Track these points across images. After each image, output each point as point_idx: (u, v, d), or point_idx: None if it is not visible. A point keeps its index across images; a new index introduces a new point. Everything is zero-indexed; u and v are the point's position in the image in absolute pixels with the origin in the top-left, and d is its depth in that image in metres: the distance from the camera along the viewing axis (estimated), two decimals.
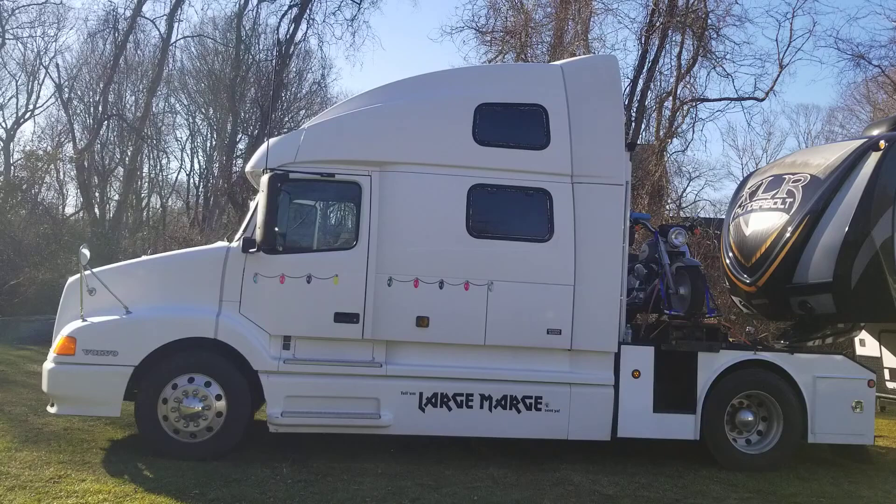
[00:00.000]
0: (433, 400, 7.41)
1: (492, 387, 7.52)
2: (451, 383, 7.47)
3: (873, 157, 8.44)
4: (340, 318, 7.31)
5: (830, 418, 7.91)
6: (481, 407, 7.49)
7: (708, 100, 21.63)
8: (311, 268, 7.35)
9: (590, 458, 7.79)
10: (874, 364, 10.19)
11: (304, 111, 31.99)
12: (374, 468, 7.01)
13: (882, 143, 8.43)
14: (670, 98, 20.85)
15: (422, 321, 7.41)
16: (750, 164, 40.56)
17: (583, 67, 8.35)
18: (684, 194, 34.74)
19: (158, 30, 26.53)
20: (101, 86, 27.22)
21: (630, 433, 7.67)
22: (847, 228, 8.38)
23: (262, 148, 7.60)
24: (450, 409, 7.46)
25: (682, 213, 32.17)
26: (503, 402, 7.51)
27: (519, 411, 7.53)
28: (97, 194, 30.41)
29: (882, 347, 10.37)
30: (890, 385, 10.32)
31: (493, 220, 7.78)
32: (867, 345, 10.64)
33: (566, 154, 7.79)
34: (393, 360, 7.43)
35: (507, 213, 7.82)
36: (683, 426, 7.77)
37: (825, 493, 6.94)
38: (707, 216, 26.47)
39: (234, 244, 7.39)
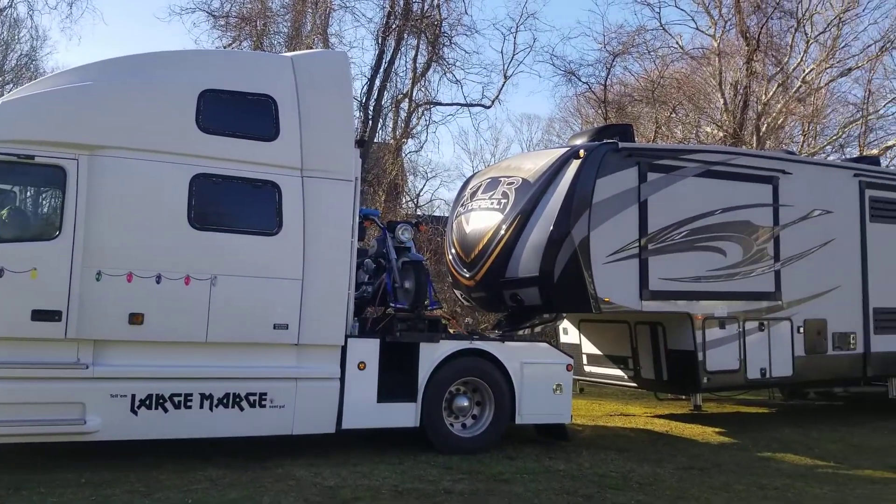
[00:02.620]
0: (147, 402, 6.96)
1: (213, 385, 7.24)
2: (168, 383, 7.07)
3: (574, 164, 9.38)
4: (39, 315, 6.61)
5: (535, 400, 8.64)
6: (201, 407, 7.18)
7: (441, 104, 22.72)
8: (2, 260, 6.55)
9: (315, 451, 7.82)
10: (575, 350, 11.39)
11: (11, 85, 28.50)
12: (76, 478, 6.44)
13: (582, 152, 9.39)
14: (406, 99, 21.56)
15: (135, 318, 6.92)
16: (480, 166, 43.15)
17: (314, 61, 8.34)
18: (421, 193, 36.13)
19: None
20: None
21: (354, 424, 7.80)
22: (551, 228, 9.23)
23: None
24: (166, 410, 7.06)
25: (418, 211, 33.39)
26: (225, 401, 7.26)
27: (242, 409, 7.33)
28: None
29: (581, 335, 11.61)
30: (587, 369, 11.59)
31: (217, 211, 7.49)
32: (569, 333, 11.84)
33: (296, 147, 7.72)
34: (101, 360, 6.85)
35: (233, 205, 7.56)
36: (405, 414, 8.06)
37: (528, 470, 7.57)
38: (442, 214, 27.81)
39: None
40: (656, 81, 25.14)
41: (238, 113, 7.62)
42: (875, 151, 26.72)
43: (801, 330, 10.62)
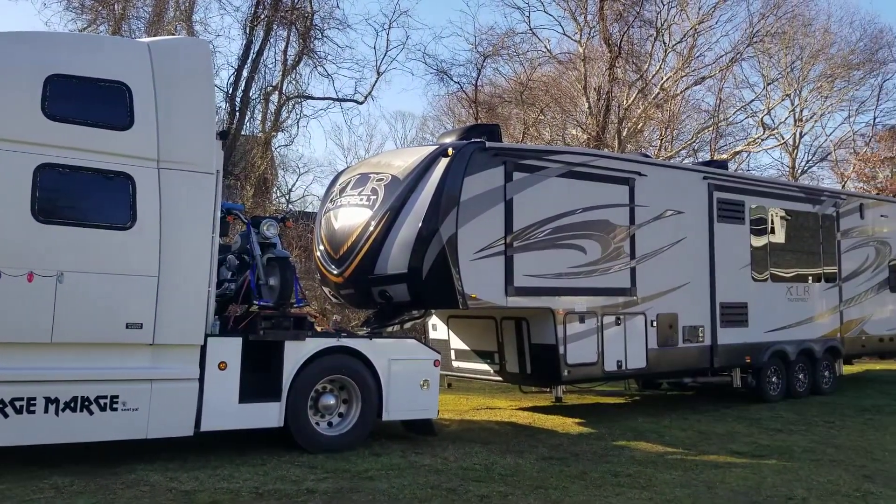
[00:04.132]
0: None
1: (60, 388, 6.80)
2: (7, 387, 6.58)
3: (443, 163, 9.48)
4: None
5: (402, 397, 8.67)
6: (46, 411, 6.73)
7: (312, 97, 22.44)
8: None
9: (173, 455, 7.51)
10: (443, 346, 11.52)
11: None
12: None
13: (450, 151, 9.51)
14: (276, 92, 21.11)
15: None
16: (354, 162, 42.73)
17: (172, 48, 7.99)
18: (293, 188, 35.54)
19: None
20: None
21: (214, 426, 7.55)
22: (420, 225, 9.29)
23: None
24: (6, 416, 6.57)
25: (290, 206, 32.82)
26: (73, 405, 6.84)
27: (92, 413, 6.93)
28: None
29: (450, 331, 11.76)
30: (455, 364, 11.75)
31: (65, 204, 7.07)
32: (438, 329, 11.97)
33: (152, 137, 7.39)
34: None
35: (82, 198, 7.16)
36: (269, 414, 7.88)
37: (393, 466, 7.59)
38: (314, 210, 27.43)
39: None
40: (525, 84, 25.86)
41: (88, 100, 7.21)
42: (725, 156, 28.65)
43: (655, 324, 11.21)
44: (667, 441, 9.45)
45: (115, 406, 7.02)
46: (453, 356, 11.72)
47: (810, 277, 13.95)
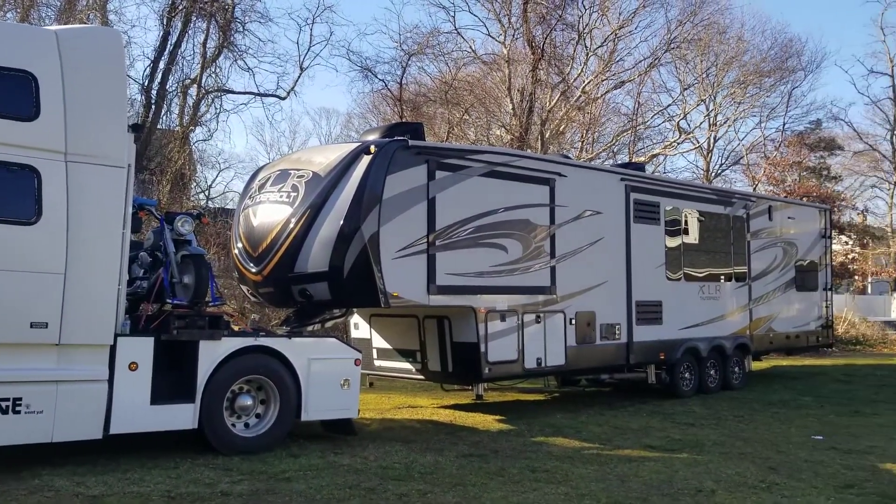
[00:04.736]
0: None
1: None
2: None
3: (365, 160, 9.41)
4: None
5: (322, 396, 8.57)
6: None
7: (233, 92, 21.97)
8: None
9: (81, 459, 7.23)
10: (365, 345, 11.45)
11: None
12: None
13: (372, 148, 9.45)
14: (195, 85, 20.58)
15: None
16: (277, 158, 42.32)
17: (82, 37, 7.69)
18: (213, 184, 34.73)
19: None
20: None
21: (125, 429, 7.30)
22: (342, 223, 9.21)
23: None
24: None
25: (210, 203, 32.05)
26: None
27: None
28: None
29: (372, 330, 11.69)
30: (377, 363, 11.69)
31: None
32: (360, 328, 11.89)
33: (59, 129, 7.09)
34: None
35: None
36: (183, 416, 7.67)
37: (312, 466, 7.49)
38: (235, 207, 26.89)
39: None
40: (450, 83, 25.96)
41: None
42: (642, 158, 29.44)
43: (573, 322, 11.42)
44: (584, 437, 9.64)
45: (17, 409, 6.71)
46: (375, 355, 11.66)
47: (722, 277, 14.47)
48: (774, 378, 16.87)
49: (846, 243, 35.66)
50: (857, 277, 38.20)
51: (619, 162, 26.92)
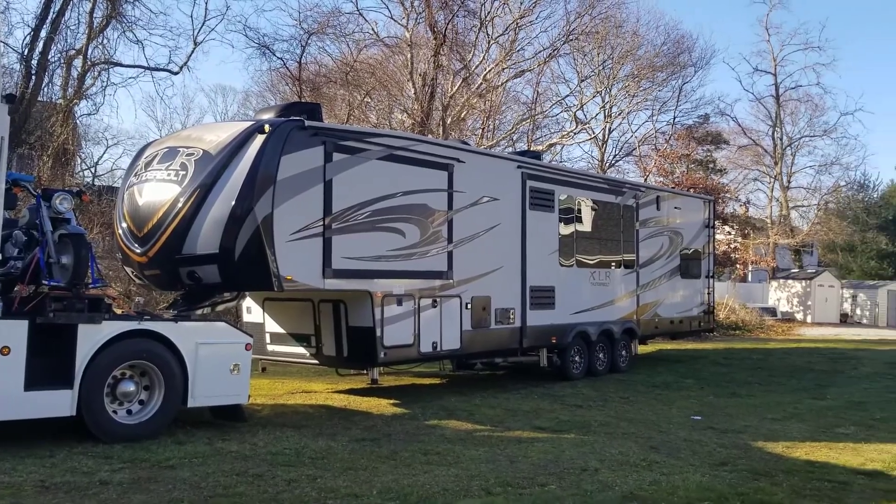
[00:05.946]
0: None
1: None
2: None
3: (259, 139, 9.16)
4: None
5: (210, 382, 8.33)
6: None
7: (122, 65, 20.97)
8: None
9: None
10: (258, 329, 11.21)
11: None
12: None
13: (267, 127, 9.20)
14: (80, 56, 19.50)
15: None
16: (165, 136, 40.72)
17: None
18: (100, 161, 33.18)
19: None
20: None
21: None
22: (233, 203, 8.94)
23: None
24: None
25: (96, 180, 30.59)
26: None
27: None
28: None
29: (266, 314, 11.45)
30: (271, 348, 11.47)
31: None
32: (253, 312, 11.63)
33: None
34: None
35: None
36: (60, 402, 7.31)
37: (198, 454, 7.28)
38: None
39: None
40: (351, 65, 25.63)
41: None
42: (540, 147, 30.02)
43: (469, 306, 11.54)
44: (476, 419, 9.78)
45: None
46: (268, 339, 11.44)
47: (612, 264, 14.96)
48: (659, 361, 17.61)
49: (729, 233, 37.52)
50: (738, 266, 40.39)
51: (519, 150, 27.33)
